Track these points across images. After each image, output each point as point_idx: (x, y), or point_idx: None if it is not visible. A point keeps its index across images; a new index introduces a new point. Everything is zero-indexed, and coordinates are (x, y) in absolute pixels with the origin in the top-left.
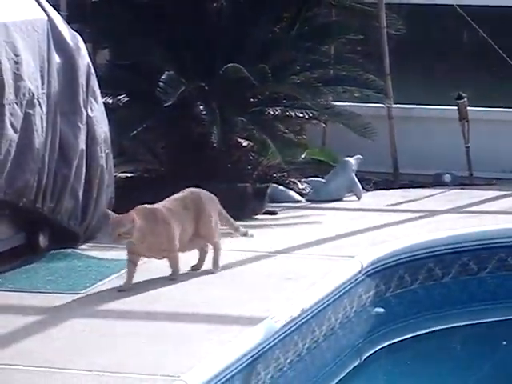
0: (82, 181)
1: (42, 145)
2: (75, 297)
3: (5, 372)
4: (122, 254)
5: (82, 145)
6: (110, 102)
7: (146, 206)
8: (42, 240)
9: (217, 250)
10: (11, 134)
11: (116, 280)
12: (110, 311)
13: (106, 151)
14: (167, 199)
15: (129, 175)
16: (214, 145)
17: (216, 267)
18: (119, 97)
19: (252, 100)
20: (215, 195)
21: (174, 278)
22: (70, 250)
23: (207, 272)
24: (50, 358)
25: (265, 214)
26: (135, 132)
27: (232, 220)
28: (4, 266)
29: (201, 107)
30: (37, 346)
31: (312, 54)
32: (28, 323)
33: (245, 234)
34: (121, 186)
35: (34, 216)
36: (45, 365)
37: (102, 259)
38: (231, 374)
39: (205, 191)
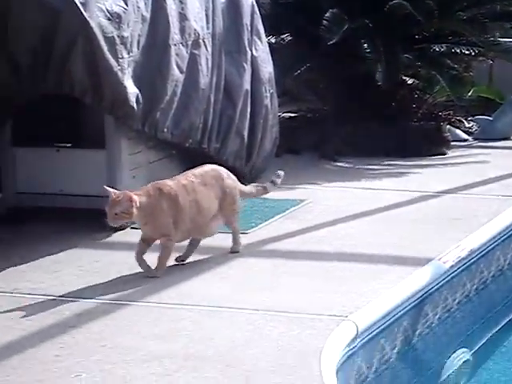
0: (247, 121)
1: (208, 85)
2: (241, 236)
3: (173, 312)
4: (286, 195)
5: (247, 85)
6: (274, 41)
7: (158, 181)
8: None
9: (237, 232)
10: (177, 75)
11: (281, 220)
12: (276, 251)
13: (271, 91)
14: (184, 173)
15: (292, 115)
16: (379, 83)
17: (238, 246)
18: (282, 36)
19: (417, 37)
20: (379, 134)
21: (155, 275)
22: None
23: (373, 212)
24: (216, 297)
25: (433, 154)
26: (299, 71)
27: (253, 188)
28: None
29: (365, 45)
30: (203, 285)
31: None
32: (194, 262)
33: (274, 184)
34: (284, 126)
35: (201, 156)
36: (211, 304)
37: (266, 199)
38: (399, 314)
39: (224, 169)
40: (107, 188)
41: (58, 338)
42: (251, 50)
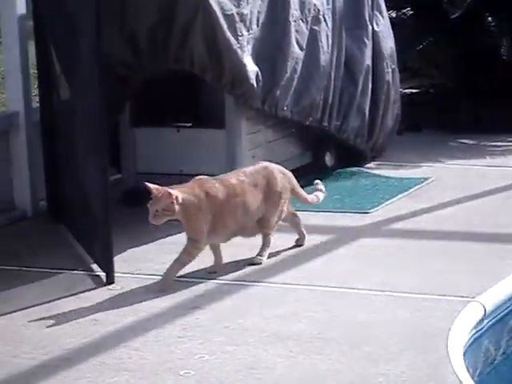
0: (369, 98)
1: (328, 62)
2: (363, 216)
3: (296, 292)
4: (408, 173)
5: (368, 61)
6: (394, 15)
7: (206, 179)
8: (329, 158)
9: (268, 243)
10: (297, 52)
11: (404, 199)
12: (399, 230)
13: (392, 66)
14: (236, 171)
15: (413, 91)
16: (504, 57)
17: (260, 259)
18: (404, 10)
19: None
20: (506, 110)
21: (161, 288)
22: (356, 169)
23: (498, 190)
24: (339, 278)
25: None
26: (421, 46)
27: (305, 193)
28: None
29: (489, 18)
30: (324, 265)
31: None
32: (317, 242)
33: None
34: (406, 103)
35: (321, 134)
36: (333, 284)
37: (388, 178)
38: None
39: (279, 167)
40: (148, 184)
41: (180, 319)
42: (372, 25)
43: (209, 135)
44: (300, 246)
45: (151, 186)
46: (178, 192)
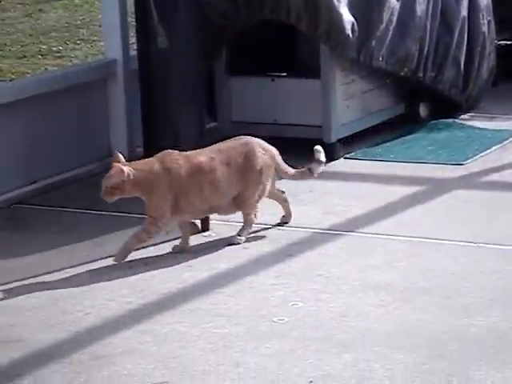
0: (464, 49)
1: (424, 12)
2: (457, 168)
3: (390, 242)
4: (503, 125)
5: (464, 12)
6: None
7: (171, 153)
8: (423, 110)
9: (247, 223)
10: (393, 2)
11: (498, 151)
12: (494, 183)
13: (488, 18)
14: (210, 147)
15: (508, 43)
16: None
17: (238, 239)
18: None
19: None
20: None
21: (116, 259)
22: (450, 120)
23: None
24: (430, 228)
25: None
26: None
27: (291, 170)
28: (385, 136)
29: None
30: (419, 216)
31: None
32: (410, 194)
33: (319, 163)
34: (501, 55)
35: (415, 85)
36: (428, 236)
37: (483, 129)
38: None
39: (262, 142)
40: (116, 155)
41: (274, 266)
42: None
43: (303, 85)
44: (286, 223)
45: (115, 161)
46: (130, 169)
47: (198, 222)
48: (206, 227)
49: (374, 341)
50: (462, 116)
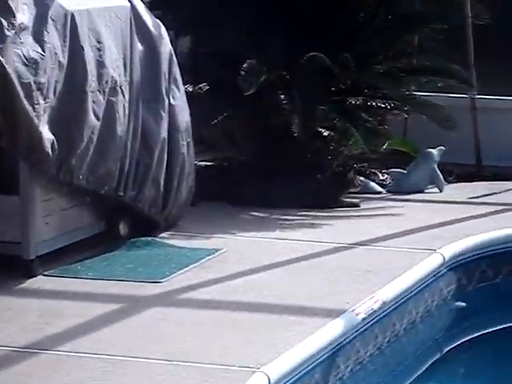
0: (164, 169)
1: (125, 132)
2: (155, 285)
3: (83, 360)
4: (201, 244)
5: (164, 133)
6: (191, 90)
7: None
8: (123, 228)
9: None
10: (94, 122)
11: (196, 270)
12: (190, 300)
13: (188, 140)
14: None
15: (209, 164)
16: (295, 134)
17: None
18: (200, 85)
19: (333, 89)
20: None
21: None
22: (150, 239)
23: (289, 262)
24: (128, 346)
25: (347, 206)
26: (216, 121)
27: None
28: (85, 253)
29: (282, 96)
30: (115, 334)
31: (395, 44)
32: (107, 311)
33: None
34: (201, 175)
35: (116, 204)
36: (122, 354)
37: (181, 248)
38: (311, 366)
39: None
40: None
41: None
42: (169, 99)
43: (2, 201)
44: None
45: None
46: None
47: None
48: None
49: None
50: (162, 234)
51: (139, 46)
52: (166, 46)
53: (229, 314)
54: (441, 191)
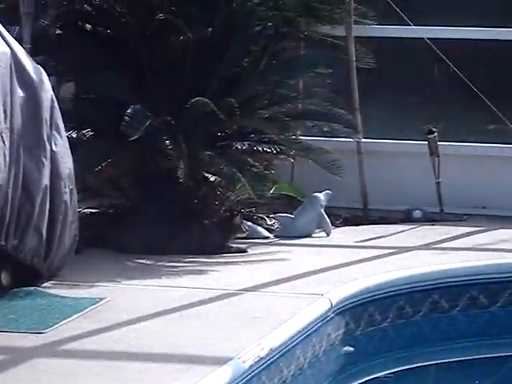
0: (46, 217)
1: (5, 181)
2: (37, 336)
3: None
4: (84, 293)
5: (46, 180)
6: (75, 136)
7: None
8: (4, 277)
9: None
10: None
11: (79, 319)
12: (73, 351)
13: (70, 187)
14: None
15: (93, 211)
16: (181, 180)
17: None
18: (84, 131)
19: (219, 134)
20: (180, 231)
21: None
22: (32, 288)
23: (175, 310)
24: None
25: (234, 252)
26: (100, 167)
27: None
28: None
29: (167, 142)
30: None
31: (280, 88)
32: None
33: None
34: (85, 222)
35: None
36: None
37: (65, 297)
38: None
39: None
40: None
41: None
42: (51, 145)
43: None
44: None
45: None
46: None
47: None
48: None
49: None
50: (45, 284)
51: (20, 93)
52: (47, 92)
53: (113, 363)
54: (328, 235)
